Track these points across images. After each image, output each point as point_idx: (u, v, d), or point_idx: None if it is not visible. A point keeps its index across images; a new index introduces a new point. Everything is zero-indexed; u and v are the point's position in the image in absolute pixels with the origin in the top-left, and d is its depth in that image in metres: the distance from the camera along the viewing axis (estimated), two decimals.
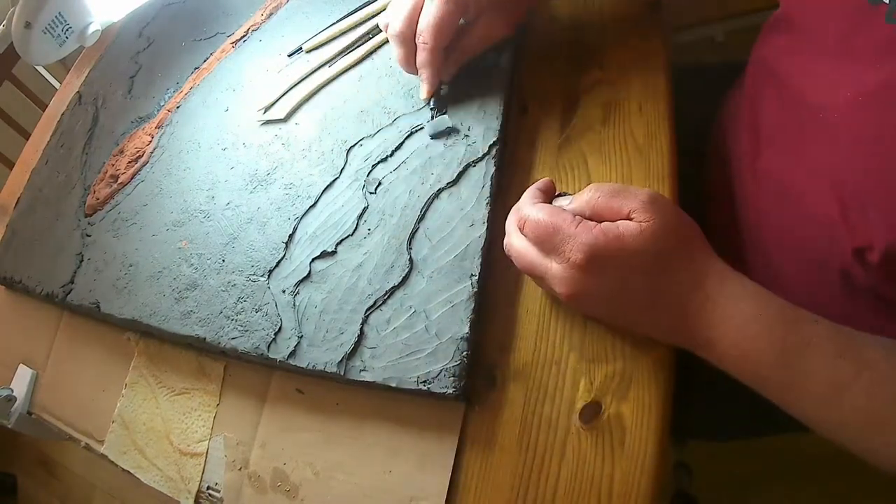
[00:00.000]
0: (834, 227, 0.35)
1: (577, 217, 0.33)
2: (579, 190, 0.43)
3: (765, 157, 0.43)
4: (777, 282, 0.44)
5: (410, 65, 0.45)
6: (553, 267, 0.33)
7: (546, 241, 0.33)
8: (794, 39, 0.38)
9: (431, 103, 0.47)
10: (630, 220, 0.32)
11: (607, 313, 0.36)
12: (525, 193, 0.38)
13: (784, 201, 0.40)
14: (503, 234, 0.42)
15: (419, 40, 0.43)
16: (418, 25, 0.43)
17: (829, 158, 0.34)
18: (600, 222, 0.33)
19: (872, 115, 0.31)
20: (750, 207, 0.45)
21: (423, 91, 0.45)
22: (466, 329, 0.38)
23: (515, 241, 0.36)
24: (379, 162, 0.46)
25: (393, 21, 0.45)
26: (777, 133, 0.41)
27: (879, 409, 0.29)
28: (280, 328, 0.42)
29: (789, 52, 0.39)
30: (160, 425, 0.47)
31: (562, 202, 0.36)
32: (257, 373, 0.45)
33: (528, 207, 0.36)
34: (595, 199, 0.33)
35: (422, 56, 0.44)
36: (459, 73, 0.47)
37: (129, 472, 0.47)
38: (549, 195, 0.38)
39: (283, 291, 0.44)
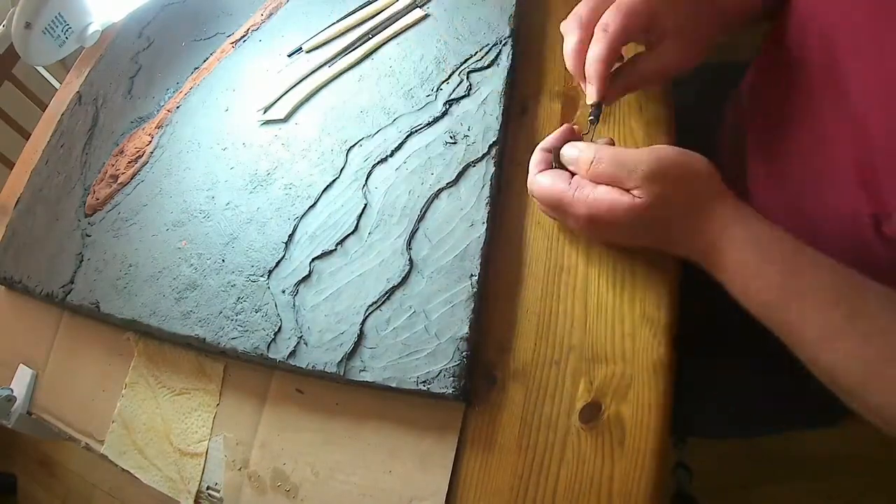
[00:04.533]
0: (852, 193, 0.35)
1: (574, 182, 0.36)
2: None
3: (778, 128, 0.42)
4: None
5: (578, 56, 0.39)
6: (566, 221, 0.38)
7: (551, 208, 0.38)
8: (812, 22, 0.38)
9: (591, 112, 0.40)
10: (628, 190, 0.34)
11: (619, 243, 0.40)
12: (532, 157, 0.40)
13: (797, 169, 0.40)
14: (503, 234, 0.42)
15: (598, 28, 0.38)
16: (607, 5, 0.38)
17: (850, 130, 0.34)
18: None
19: (891, 87, 0.31)
20: (758, 180, 0.45)
21: (591, 94, 0.39)
22: (466, 329, 0.38)
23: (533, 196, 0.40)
24: (379, 162, 0.46)
25: (579, 7, 0.40)
26: (792, 106, 0.41)
27: (874, 358, 0.29)
28: (280, 328, 0.42)
29: (806, 33, 0.39)
30: (160, 425, 0.47)
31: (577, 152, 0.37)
32: (257, 373, 0.45)
33: (533, 177, 0.39)
34: (595, 170, 0.35)
35: (595, 48, 0.38)
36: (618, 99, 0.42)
37: (129, 472, 0.47)
38: (561, 142, 0.39)
39: (283, 291, 0.44)
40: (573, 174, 0.37)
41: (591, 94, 0.39)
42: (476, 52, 0.48)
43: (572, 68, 0.40)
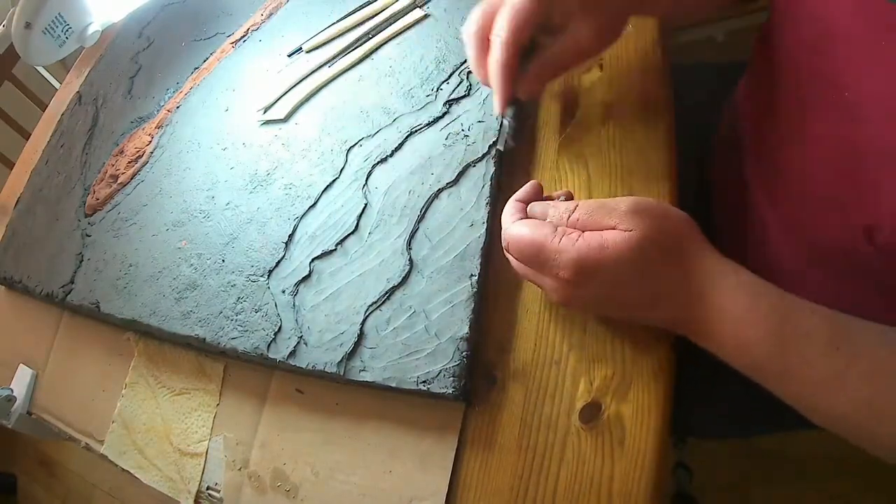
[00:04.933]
0: (844, 204, 0.34)
1: (560, 230, 0.33)
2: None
3: (771, 137, 0.42)
4: (778, 270, 0.44)
5: (480, 67, 0.39)
6: (544, 279, 0.34)
7: (532, 260, 0.34)
8: (804, 25, 0.38)
9: (504, 119, 0.41)
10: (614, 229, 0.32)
11: (604, 312, 0.37)
12: (505, 209, 0.37)
13: (790, 180, 0.40)
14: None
15: (493, 35, 0.37)
16: (500, 15, 0.37)
17: (842, 136, 0.34)
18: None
19: (885, 93, 0.30)
20: (754, 191, 0.45)
21: (496, 105, 0.39)
22: (466, 329, 0.38)
23: (507, 256, 0.36)
24: (379, 162, 0.47)
25: (470, 23, 0.39)
26: (785, 112, 0.41)
27: (878, 398, 0.29)
28: (280, 328, 0.42)
29: (798, 36, 0.39)
30: (160, 425, 0.47)
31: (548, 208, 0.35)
32: (257, 373, 0.45)
33: (509, 227, 0.35)
34: (575, 219, 0.33)
35: (494, 55, 0.37)
36: (540, 94, 0.41)
37: (129, 472, 0.47)
38: (534, 198, 0.37)
39: (283, 291, 0.44)
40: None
41: (495, 104, 0.39)
42: None
43: (480, 80, 0.40)
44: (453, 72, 0.48)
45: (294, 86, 0.54)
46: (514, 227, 0.34)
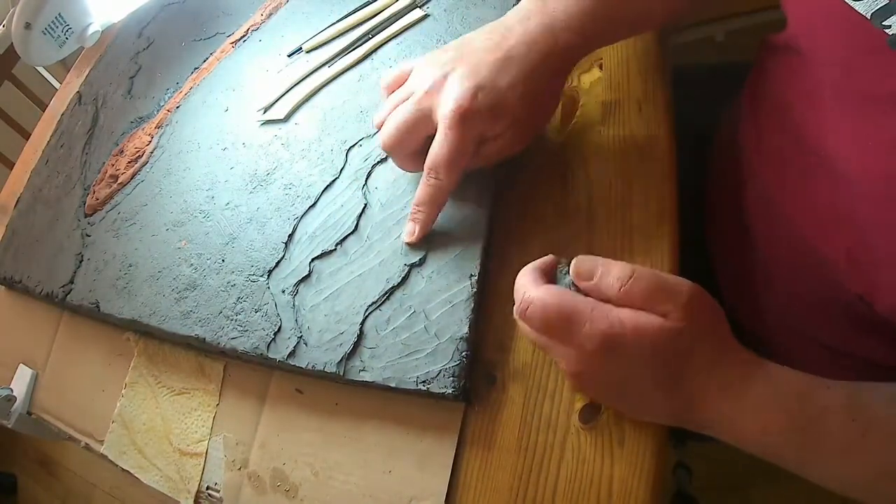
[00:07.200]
0: (840, 273, 0.34)
1: (590, 300, 0.31)
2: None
3: (766, 187, 0.41)
4: (779, 306, 0.44)
5: (410, 166, 0.42)
6: (564, 349, 0.32)
7: (555, 329, 0.31)
8: (798, 72, 0.36)
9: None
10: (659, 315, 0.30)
11: (615, 396, 0.34)
12: (524, 273, 0.34)
13: (789, 236, 0.39)
14: (503, 233, 0.42)
15: (430, 174, 0.38)
16: (433, 157, 0.38)
17: (836, 205, 0.33)
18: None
19: (884, 168, 0.29)
20: (753, 234, 0.44)
21: (415, 233, 0.40)
22: (466, 329, 0.38)
23: (518, 320, 0.33)
24: (379, 162, 0.46)
25: (387, 129, 0.39)
26: (781, 168, 0.40)
27: (889, 463, 0.29)
28: (279, 328, 0.42)
29: (793, 85, 0.37)
30: (160, 425, 0.47)
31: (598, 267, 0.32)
32: (257, 373, 0.45)
33: (533, 290, 0.32)
34: (632, 292, 0.30)
35: (428, 191, 0.39)
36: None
37: (128, 472, 0.47)
38: (549, 275, 0.34)
39: (283, 291, 0.44)
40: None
41: (414, 233, 0.41)
42: None
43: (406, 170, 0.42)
44: None
45: (294, 86, 0.54)
46: (541, 291, 0.31)
